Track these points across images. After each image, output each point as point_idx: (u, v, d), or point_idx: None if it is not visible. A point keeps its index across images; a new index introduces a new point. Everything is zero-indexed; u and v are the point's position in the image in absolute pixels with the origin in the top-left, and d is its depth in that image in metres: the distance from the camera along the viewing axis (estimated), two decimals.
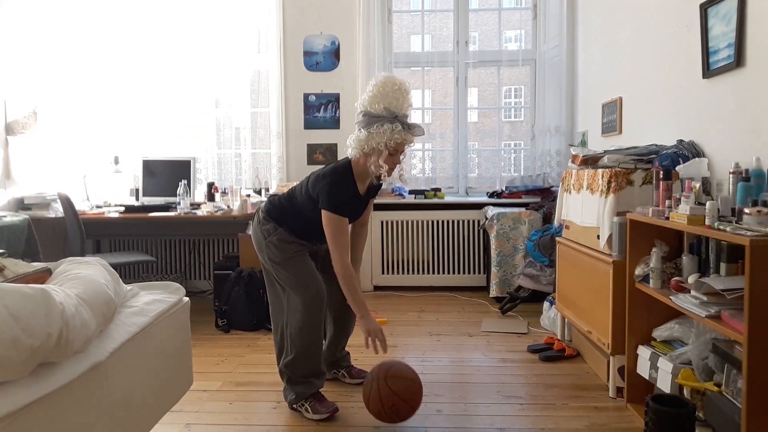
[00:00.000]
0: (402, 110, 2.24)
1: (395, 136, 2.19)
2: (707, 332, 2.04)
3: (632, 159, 2.63)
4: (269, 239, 2.38)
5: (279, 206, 2.43)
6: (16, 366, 1.22)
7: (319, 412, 2.31)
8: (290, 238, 2.38)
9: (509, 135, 5.60)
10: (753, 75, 2.20)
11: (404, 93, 2.24)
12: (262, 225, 2.42)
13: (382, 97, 2.21)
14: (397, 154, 2.27)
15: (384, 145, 2.20)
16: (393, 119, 2.20)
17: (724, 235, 1.74)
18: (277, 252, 2.37)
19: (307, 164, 4.87)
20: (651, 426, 1.95)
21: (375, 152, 2.23)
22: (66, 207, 3.55)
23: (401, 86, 2.23)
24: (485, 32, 6.50)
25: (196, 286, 4.80)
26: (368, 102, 2.24)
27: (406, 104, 2.26)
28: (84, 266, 1.73)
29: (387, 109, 2.21)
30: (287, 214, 2.40)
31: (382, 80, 2.23)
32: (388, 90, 2.21)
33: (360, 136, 2.24)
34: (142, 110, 4.84)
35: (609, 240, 2.53)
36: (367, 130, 2.21)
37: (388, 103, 2.21)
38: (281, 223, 2.39)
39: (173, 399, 1.98)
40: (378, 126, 2.19)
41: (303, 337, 2.34)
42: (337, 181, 2.26)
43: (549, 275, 3.68)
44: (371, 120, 2.22)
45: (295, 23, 4.80)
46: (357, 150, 2.26)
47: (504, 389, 2.66)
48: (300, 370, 2.39)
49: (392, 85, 2.22)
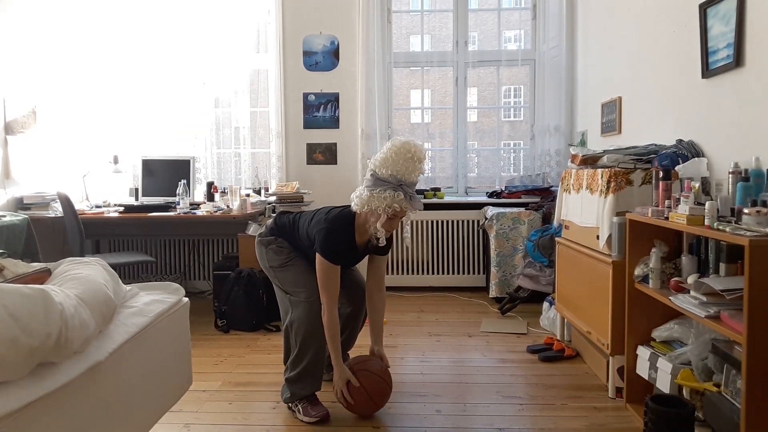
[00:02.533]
0: (409, 179, 2.23)
1: (394, 204, 2.21)
2: (706, 332, 2.04)
3: (632, 159, 2.63)
4: (269, 247, 2.51)
5: (283, 227, 2.54)
6: (15, 366, 1.22)
7: (310, 416, 2.34)
8: (288, 246, 2.50)
9: (509, 135, 5.61)
10: (752, 75, 2.21)
11: (416, 162, 2.22)
12: (263, 238, 2.55)
13: (393, 164, 2.20)
14: (396, 219, 2.28)
15: (383, 210, 2.21)
16: (397, 187, 2.21)
17: (723, 236, 1.74)
18: (274, 256, 2.48)
19: (306, 164, 4.87)
20: (650, 426, 1.95)
21: (374, 214, 2.25)
22: (65, 207, 3.55)
23: (415, 155, 2.21)
24: (485, 32, 6.49)
25: (195, 287, 4.79)
26: (379, 164, 2.24)
27: (416, 173, 2.25)
28: (83, 266, 1.73)
29: (393, 176, 2.21)
30: (288, 232, 2.52)
31: (398, 146, 2.22)
32: (400, 157, 2.20)
33: (363, 195, 2.25)
34: (142, 110, 4.83)
35: (608, 240, 2.53)
36: (370, 191, 2.22)
37: (396, 171, 2.20)
38: (282, 237, 2.53)
39: (172, 399, 1.98)
40: (381, 190, 2.20)
41: (303, 337, 2.37)
42: (335, 230, 2.30)
43: (548, 275, 3.68)
44: (376, 182, 2.23)
45: (294, 23, 4.80)
46: (359, 207, 2.28)
47: (503, 389, 2.66)
48: (298, 369, 2.40)
49: (405, 153, 2.20)
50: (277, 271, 2.47)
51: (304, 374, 2.40)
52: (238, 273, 3.72)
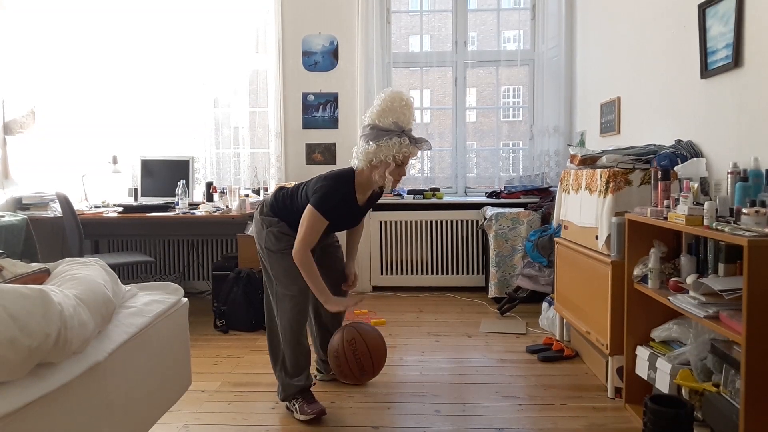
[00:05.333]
0: (409, 125, 2.32)
1: (403, 149, 2.25)
2: (706, 333, 2.04)
3: (630, 159, 2.63)
4: (270, 228, 2.46)
5: (281, 202, 2.49)
6: (14, 366, 1.22)
7: (306, 413, 2.35)
8: (289, 232, 2.44)
9: (508, 135, 5.61)
10: (751, 75, 2.21)
11: (411, 108, 2.32)
12: (264, 216, 2.50)
13: (391, 112, 2.27)
14: (403, 166, 2.34)
15: (392, 157, 2.26)
16: (401, 133, 2.27)
17: (722, 236, 1.74)
18: (275, 241, 2.43)
19: (305, 164, 4.87)
20: (649, 426, 1.95)
21: (382, 164, 2.29)
22: (64, 207, 3.54)
23: (408, 102, 2.30)
24: (484, 32, 6.50)
25: (194, 287, 4.79)
26: (377, 116, 2.29)
27: (412, 119, 2.34)
28: (82, 267, 1.73)
29: (395, 123, 2.27)
30: (288, 212, 2.46)
31: (390, 95, 2.29)
32: (396, 105, 2.27)
33: (368, 149, 2.28)
34: (141, 110, 4.83)
35: (607, 240, 2.53)
36: (376, 142, 2.26)
37: (396, 118, 2.27)
38: (282, 218, 2.47)
39: (172, 399, 1.98)
40: (387, 139, 2.25)
41: (289, 330, 2.40)
42: (335, 188, 2.32)
43: (547, 276, 3.68)
44: (380, 133, 2.27)
45: (293, 23, 4.80)
46: (364, 162, 2.31)
47: (503, 389, 2.66)
48: (288, 364, 2.43)
49: (400, 100, 2.28)
50: (271, 255, 2.44)
51: (294, 367, 2.42)
52: (238, 273, 3.72)
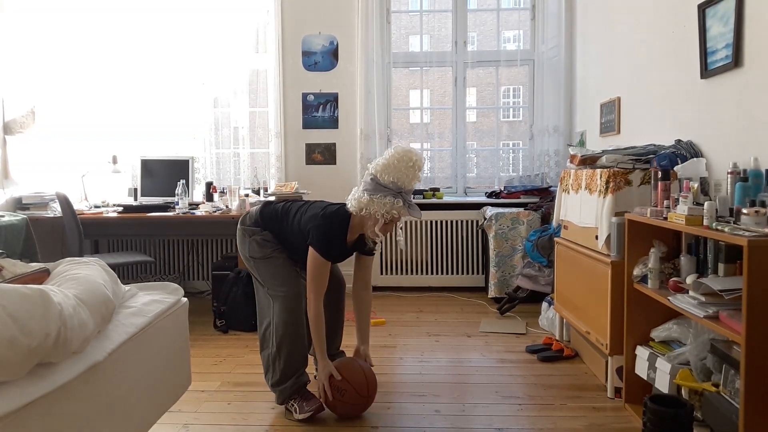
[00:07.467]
0: (409, 187, 2.29)
1: (393, 210, 2.24)
2: (705, 332, 2.04)
3: (630, 159, 2.63)
4: (252, 237, 2.47)
5: (272, 215, 2.50)
6: (13, 366, 1.22)
7: (305, 411, 2.34)
8: (272, 240, 2.47)
9: (508, 135, 5.61)
10: (751, 75, 2.21)
11: (417, 171, 2.27)
12: (246, 227, 2.51)
13: (395, 170, 2.24)
14: (392, 224, 2.32)
15: (381, 215, 2.25)
16: (397, 194, 2.25)
17: (722, 236, 1.74)
18: (257, 248, 2.45)
19: (305, 164, 4.87)
20: (649, 426, 1.95)
21: (371, 218, 2.28)
22: (64, 207, 3.54)
23: (415, 163, 2.26)
24: (484, 32, 6.50)
25: (194, 287, 4.79)
26: (380, 169, 2.27)
27: (415, 181, 2.31)
28: (82, 266, 1.73)
29: (394, 183, 2.24)
30: (276, 225, 2.48)
31: (400, 153, 2.26)
32: (401, 165, 2.24)
33: (362, 198, 2.27)
34: (141, 109, 4.82)
35: (607, 240, 2.53)
36: (370, 195, 2.25)
37: (397, 178, 2.24)
38: (266, 228, 2.48)
39: (171, 399, 1.98)
40: (381, 196, 2.24)
41: (281, 333, 2.38)
42: (331, 228, 2.32)
43: (547, 276, 3.68)
44: (377, 188, 2.26)
45: (293, 23, 4.79)
46: (356, 209, 2.30)
47: (502, 389, 2.66)
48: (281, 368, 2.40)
49: (407, 161, 2.25)
50: (257, 262, 2.45)
51: (287, 371, 2.40)
52: (237, 273, 3.72)
